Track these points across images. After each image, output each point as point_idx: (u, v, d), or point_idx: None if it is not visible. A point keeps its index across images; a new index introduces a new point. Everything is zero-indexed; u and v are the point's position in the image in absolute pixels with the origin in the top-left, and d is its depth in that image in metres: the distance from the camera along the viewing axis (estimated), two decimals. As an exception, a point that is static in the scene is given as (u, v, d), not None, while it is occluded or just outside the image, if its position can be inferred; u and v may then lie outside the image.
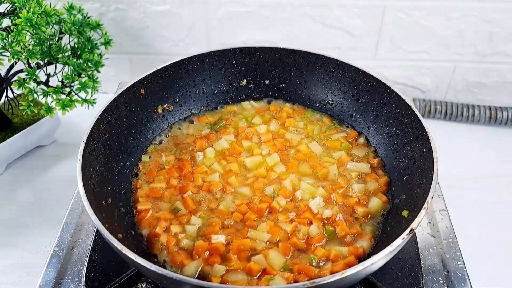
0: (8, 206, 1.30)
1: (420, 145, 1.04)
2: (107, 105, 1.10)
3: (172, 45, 1.58)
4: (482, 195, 1.34)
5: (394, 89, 1.15)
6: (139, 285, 0.99)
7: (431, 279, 1.03)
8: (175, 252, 0.99)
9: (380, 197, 1.09)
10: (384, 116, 1.20)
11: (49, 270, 1.05)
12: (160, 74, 1.24)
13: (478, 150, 1.50)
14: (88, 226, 1.15)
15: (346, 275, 0.77)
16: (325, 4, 1.45)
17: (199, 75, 1.32)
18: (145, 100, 1.23)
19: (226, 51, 1.31)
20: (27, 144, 1.42)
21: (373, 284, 0.93)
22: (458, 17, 1.44)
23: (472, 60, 1.54)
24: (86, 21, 1.29)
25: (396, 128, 1.16)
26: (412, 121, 1.09)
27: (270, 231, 1.02)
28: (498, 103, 1.60)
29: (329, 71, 1.29)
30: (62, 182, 1.36)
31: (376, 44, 1.53)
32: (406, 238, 0.84)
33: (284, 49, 1.31)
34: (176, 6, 1.48)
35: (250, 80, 1.36)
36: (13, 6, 1.15)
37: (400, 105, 1.14)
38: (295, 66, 1.32)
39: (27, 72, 1.17)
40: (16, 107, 1.40)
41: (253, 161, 1.18)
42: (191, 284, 0.78)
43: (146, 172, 1.16)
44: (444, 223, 1.16)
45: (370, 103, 1.24)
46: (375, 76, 1.20)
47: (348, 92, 1.29)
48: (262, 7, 1.47)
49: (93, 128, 1.04)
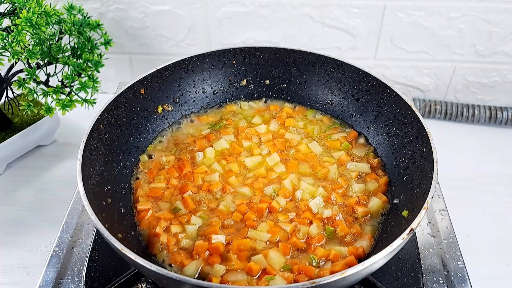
0: (8, 206, 1.30)
1: (420, 145, 1.04)
2: (107, 105, 1.10)
3: (172, 45, 1.58)
4: (482, 195, 1.34)
5: (394, 89, 1.15)
6: (139, 285, 0.99)
7: (431, 279, 1.03)
8: (175, 252, 0.99)
9: (380, 197, 1.09)
10: (384, 116, 1.20)
11: (49, 270, 1.05)
12: (160, 74, 1.24)
13: (478, 150, 1.50)
14: (88, 226, 1.15)
15: (346, 275, 0.77)
16: (325, 4, 1.45)
17: (199, 75, 1.32)
18: (145, 100, 1.23)
19: (226, 51, 1.31)
20: (27, 144, 1.42)
21: (373, 284, 0.93)
22: (458, 17, 1.44)
23: (472, 60, 1.54)
24: (86, 21, 1.29)
25: (396, 128, 1.16)
26: (412, 121, 1.09)
27: (270, 231, 1.02)
28: (498, 103, 1.60)
29: (329, 71, 1.29)
30: (62, 182, 1.36)
31: (376, 44, 1.53)
32: (406, 238, 0.84)
33: (284, 49, 1.31)
34: (176, 6, 1.48)
35: (250, 80, 1.36)
36: (13, 6, 1.15)
37: (400, 105, 1.14)
38: (295, 66, 1.32)
39: (27, 72, 1.17)
40: (16, 107, 1.40)
41: (253, 161, 1.18)
42: (191, 284, 0.78)
43: (146, 172, 1.16)
44: (444, 223, 1.16)
45: (370, 103, 1.24)
46: (375, 76, 1.20)
47: (348, 92, 1.29)
48: (262, 7, 1.47)
49: (93, 128, 1.04)
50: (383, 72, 1.60)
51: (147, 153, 1.21)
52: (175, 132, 1.28)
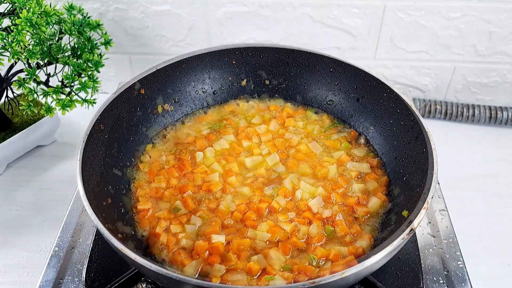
0: (8, 206, 1.30)
1: (420, 145, 1.04)
2: (107, 105, 1.10)
3: (172, 45, 1.58)
4: (482, 195, 1.34)
5: (394, 89, 1.15)
6: (139, 285, 0.99)
7: (431, 279, 1.03)
8: (175, 251, 0.99)
9: (380, 197, 1.09)
10: (384, 116, 1.20)
11: (49, 270, 1.05)
12: (160, 74, 1.24)
13: (478, 150, 1.50)
14: (88, 226, 1.15)
15: (346, 275, 0.77)
16: (325, 4, 1.45)
17: (199, 74, 1.32)
18: (145, 100, 1.23)
19: (226, 51, 1.31)
20: (27, 144, 1.42)
21: (373, 284, 0.93)
22: (458, 17, 1.44)
23: (472, 60, 1.54)
24: (86, 21, 1.29)
25: (396, 128, 1.16)
26: (412, 121, 1.09)
27: (270, 231, 1.02)
28: (498, 103, 1.60)
29: (329, 71, 1.29)
30: (62, 182, 1.36)
31: (376, 44, 1.53)
32: (406, 238, 0.84)
33: (284, 49, 1.31)
34: (176, 6, 1.48)
35: (250, 79, 1.36)
36: (13, 6, 1.15)
37: (400, 105, 1.14)
38: (295, 65, 1.32)
39: (27, 72, 1.17)
40: (16, 107, 1.40)
41: (253, 160, 1.18)
42: (191, 284, 0.78)
43: (146, 171, 1.16)
44: (444, 223, 1.16)
45: (370, 103, 1.24)
46: (375, 76, 1.20)
47: (348, 92, 1.29)
48: (262, 7, 1.47)
49: (93, 128, 1.04)
50: (383, 72, 1.60)
51: (147, 153, 1.21)
52: (175, 132, 1.28)
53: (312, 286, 0.75)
